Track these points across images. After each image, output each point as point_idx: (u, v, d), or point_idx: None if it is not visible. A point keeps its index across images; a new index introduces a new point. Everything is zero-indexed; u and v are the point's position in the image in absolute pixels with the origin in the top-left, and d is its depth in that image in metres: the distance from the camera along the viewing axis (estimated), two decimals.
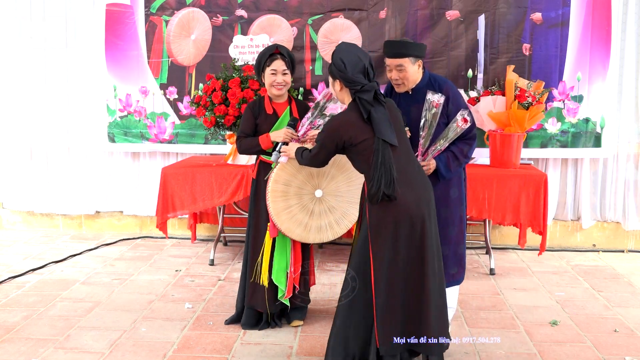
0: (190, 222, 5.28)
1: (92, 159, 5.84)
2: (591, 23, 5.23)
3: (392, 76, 3.42)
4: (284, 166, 3.49)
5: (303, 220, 3.57)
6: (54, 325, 3.80)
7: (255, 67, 3.70)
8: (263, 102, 3.70)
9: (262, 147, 3.57)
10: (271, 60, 3.62)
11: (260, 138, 3.59)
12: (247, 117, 3.67)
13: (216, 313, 4.01)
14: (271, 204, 3.49)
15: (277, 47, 3.67)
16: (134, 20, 5.54)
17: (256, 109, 3.68)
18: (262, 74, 3.67)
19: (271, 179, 3.48)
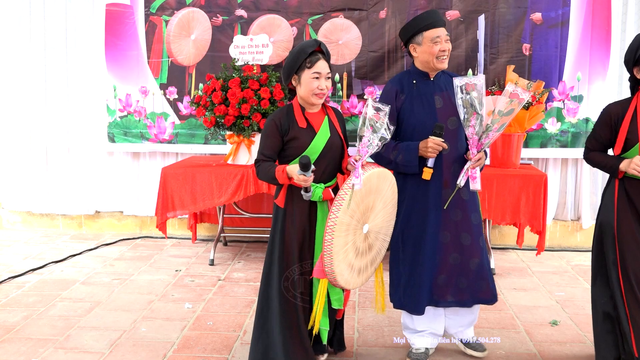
0: (190, 222, 5.28)
1: (92, 159, 5.84)
2: (591, 23, 5.23)
3: (442, 48, 3.07)
4: (357, 192, 2.82)
5: (351, 261, 2.94)
6: (54, 325, 3.80)
7: (288, 67, 2.93)
8: (292, 113, 2.96)
9: (279, 182, 2.91)
10: (313, 60, 2.90)
11: (277, 172, 2.89)
12: (270, 134, 2.93)
13: (216, 313, 4.01)
14: (335, 239, 2.77)
15: (318, 43, 2.94)
16: (133, 20, 5.54)
17: (285, 123, 2.92)
18: (296, 77, 2.94)
19: (342, 208, 2.76)
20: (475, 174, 3.08)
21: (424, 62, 3.13)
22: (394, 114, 3.10)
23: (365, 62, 5.38)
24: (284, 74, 2.99)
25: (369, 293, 4.36)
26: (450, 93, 3.09)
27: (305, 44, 2.94)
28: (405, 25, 3.17)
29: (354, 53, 5.39)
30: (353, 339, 3.62)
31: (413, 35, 3.12)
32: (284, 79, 3.02)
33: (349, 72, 5.41)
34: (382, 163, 3.15)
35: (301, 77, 2.92)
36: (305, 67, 2.89)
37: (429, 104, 3.12)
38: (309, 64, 2.89)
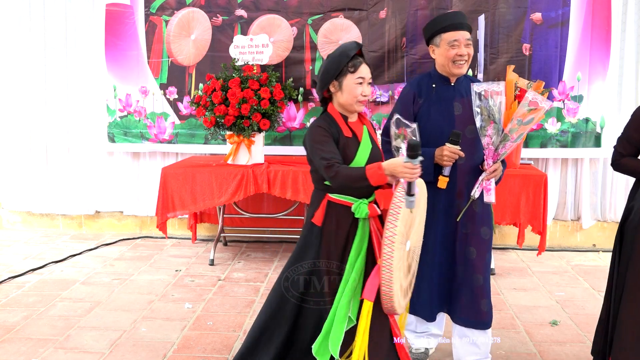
0: (190, 222, 5.28)
1: (92, 159, 5.84)
2: (591, 23, 5.23)
3: (460, 52, 2.94)
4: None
5: (402, 281, 2.61)
6: (54, 325, 3.80)
7: (328, 72, 2.65)
8: (335, 122, 2.69)
9: (371, 184, 2.54)
10: (356, 64, 2.65)
11: (368, 170, 2.52)
12: (325, 139, 2.63)
13: (216, 313, 4.01)
14: (395, 252, 2.45)
15: (360, 45, 2.71)
16: (133, 20, 5.54)
17: (333, 130, 2.66)
18: (336, 82, 2.66)
19: (400, 217, 2.45)
20: (489, 185, 2.96)
21: (441, 65, 3.01)
22: (410, 119, 2.87)
23: None
24: (322, 79, 2.67)
25: None
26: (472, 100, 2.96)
27: (346, 47, 2.67)
28: (427, 25, 3.05)
29: None
30: None
31: (432, 35, 3.01)
32: (320, 85, 2.69)
33: None
34: None
35: (342, 82, 2.65)
36: (348, 71, 2.63)
37: (448, 111, 2.98)
38: (352, 68, 2.64)
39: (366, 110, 5.42)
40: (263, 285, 4.53)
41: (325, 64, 2.68)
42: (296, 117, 5.47)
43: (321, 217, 2.70)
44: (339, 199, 2.66)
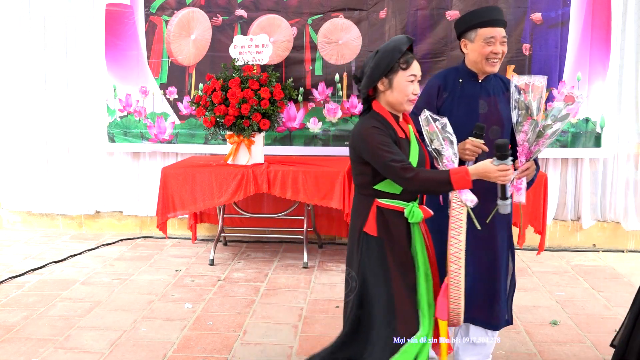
0: (190, 222, 5.28)
1: (92, 159, 5.84)
2: (591, 23, 5.23)
3: (495, 50, 2.80)
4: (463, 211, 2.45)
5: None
6: (54, 325, 3.80)
7: (378, 68, 2.47)
8: (388, 122, 2.51)
9: (454, 189, 2.39)
10: (408, 60, 2.48)
11: (454, 175, 2.36)
12: (389, 139, 2.46)
13: (216, 313, 4.01)
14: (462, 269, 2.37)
15: (411, 40, 2.54)
16: (133, 20, 5.54)
17: (390, 131, 2.49)
18: (385, 80, 2.49)
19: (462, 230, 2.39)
20: (520, 185, 2.80)
21: (473, 61, 2.88)
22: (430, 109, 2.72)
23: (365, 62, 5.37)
24: (371, 76, 2.48)
25: None
26: (499, 99, 2.86)
27: (398, 41, 2.49)
28: (461, 17, 2.92)
29: (354, 53, 5.39)
30: None
31: (467, 30, 2.86)
32: (368, 82, 2.50)
33: (349, 72, 5.41)
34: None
35: (393, 80, 2.47)
36: (400, 68, 2.46)
37: (472, 108, 2.85)
38: (404, 65, 2.46)
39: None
40: (263, 285, 4.53)
41: (376, 60, 2.48)
42: (296, 117, 5.47)
43: (374, 226, 2.50)
44: (389, 204, 2.49)
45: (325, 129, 5.46)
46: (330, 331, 3.72)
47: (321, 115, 5.46)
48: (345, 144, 5.40)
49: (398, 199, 2.49)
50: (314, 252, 5.35)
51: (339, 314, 3.99)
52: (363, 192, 2.57)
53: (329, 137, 5.47)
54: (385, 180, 2.48)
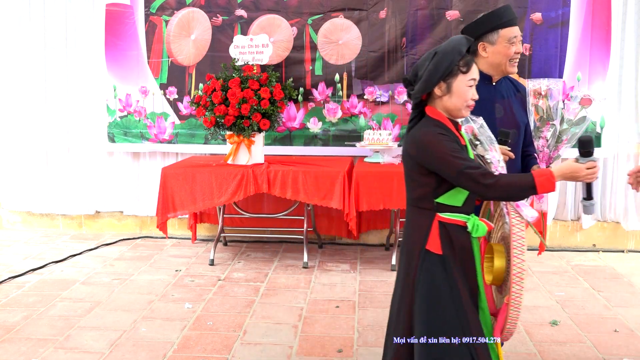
0: (190, 222, 5.28)
1: (92, 159, 5.84)
2: (591, 23, 5.23)
3: (518, 50, 2.72)
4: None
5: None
6: (54, 325, 3.79)
7: (437, 71, 2.27)
8: (448, 128, 2.34)
9: (537, 193, 2.25)
10: (469, 63, 2.31)
11: (538, 178, 2.21)
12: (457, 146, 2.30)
13: (216, 313, 4.01)
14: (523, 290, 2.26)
15: (471, 40, 2.38)
16: (133, 20, 5.54)
17: (451, 136, 2.33)
18: (443, 84, 2.30)
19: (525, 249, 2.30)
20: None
21: (494, 64, 2.77)
22: None
23: (365, 62, 5.38)
24: (428, 79, 2.28)
25: (369, 293, 4.37)
26: (512, 101, 2.77)
27: (457, 42, 2.30)
28: (479, 20, 2.79)
29: (354, 53, 5.39)
30: (353, 339, 3.62)
31: (487, 32, 2.74)
32: (424, 86, 2.30)
33: (349, 72, 5.41)
34: None
35: (452, 84, 2.29)
36: (460, 71, 2.29)
37: (488, 113, 2.68)
38: (464, 68, 2.29)
39: (366, 110, 5.41)
40: (263, 285, 4.53)
41: (434, 62, 2.28)
42: (296, 117, 5.47)
43: (438, 243, 2.31)
44: (452, 218, 2.31)
45: (325, 129, 5.46)
46: (330, 331, 3.72)
47: (321, 115, 5.46)
48: (345, 144, 5.41)
49: (460, 212, 2.33)
50: (314, 252, 5.35)
51: (339, 313, 3.99)
52: (422, 205, 2.35)
53: (329, 137, 5.47)
54: (448, 192, 2.30)
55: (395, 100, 5.39)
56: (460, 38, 2.34)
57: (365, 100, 5.41)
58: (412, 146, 2.34)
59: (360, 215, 5.03)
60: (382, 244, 5.56)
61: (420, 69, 2.33)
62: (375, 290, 4.42)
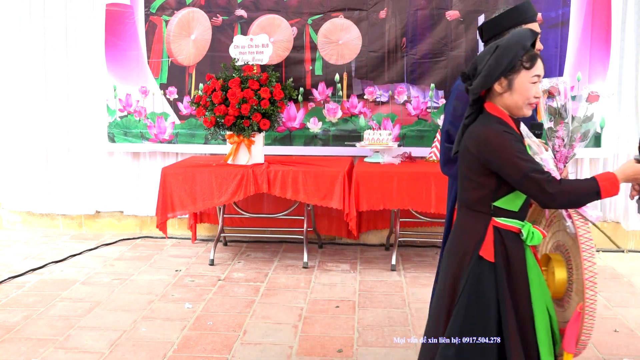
0: (190, 222, 5.28)
1: (92, 159, 5.84)
2: (591, 23, 5.23)
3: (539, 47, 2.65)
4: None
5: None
6: (54, 325, 3.79)
7: (499, 66, 2.14)
8: (511, 127, 2.22)
9: (602, 197, 2.13)
10: (533, 59, 2.18)
11: (602, 182, 2.11)
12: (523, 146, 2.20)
13: (216, 313, 4.01)
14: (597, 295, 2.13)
15: (536, 34, 2.26)
16: (133, 20, 5.54)
17: (516, 135, 2.21)
18: (504, 80, 2.18)
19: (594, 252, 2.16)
20: None
21: None
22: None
23: (365, 62, 5.38)
24: (488, 75, 2.16)
25: (369, 293, 4.37)
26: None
27: (521, 36, 2.18)
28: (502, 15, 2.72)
29: (354, 53, 5.39)
30: (353, 339, 3.62)
31: (510, 27, 2.67)
32: (483, 81, 2.17)
33: (349, 72, 5.41)
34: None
35: (514, 80, 2.17)
36: (523, 67, 2.16)
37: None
38: (528, 64, 2.16)
39: (366, 110, 5.42)
40: (263, 285, 4.53)
41: (495, 56, 2.15)
42: (296, 117, 5.47)
43: (492, 250, 2.18)
44: (507, 224, 2.19)
45: (325, 129, 5.46)
46: (330, 331, 3.72)
47: (321, 115, 5.46)
48: (345, 144, 5.41)
49: (515, 218, 2.20)
50: (314, 252, 5.35)
51: (339, 313, 3.99)
52: (477, 208, 2.22)
53: (329, 137, 5.47)
54: (507, 196, 2.18)
55: (395, 100, 5.39)
56: (525, 32, 2.20)
57: (365, 100, 5.42)
58: (473, 144, 2.19)
59: (360, 215, 5.03)
60: (382, 244, 5.57)
61: (480, 63, 2.21)
62: (375, 290, 4.42)
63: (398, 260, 5.01)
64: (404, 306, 4.13)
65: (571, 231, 2.23)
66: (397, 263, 4.94)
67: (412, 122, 5.38)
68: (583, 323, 2.10)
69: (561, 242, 2.30)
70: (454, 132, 2.62)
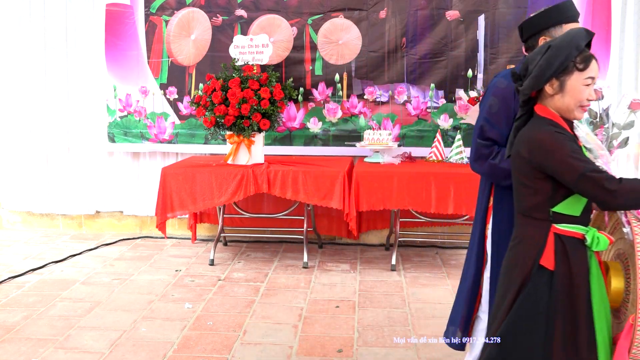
0: (190, 222, 5.28)
1: (92, 159, 5.84)
2: (591, 23, 5.22)
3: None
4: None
5: None
6: (54, 325, 3.80)
7: (550, 67, 2.08)
8: (563, 127, 2.12)
9: None
10: (587, 59, 2.13)
11: None
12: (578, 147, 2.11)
13: (216, 313, 4.01)
14: None
15: (591, 34, 2.23)
16: (133, 20, 5.54)
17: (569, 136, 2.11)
18: (556, 82, 2.10)
19: None
20: None
21: None
22: (510, 118, 2.53)
23: (365, 62, 5.38)
24: (539, 76, 2.08)
25: (369, 293, 4.37)
26: None
27: (575, 36, 2.11)
28: (540, 14, 2.64)
29: (354, 53, 5.39)
30: (353, 339, 3.62)
31: (550, 26, 2.60)
32: (533, 83, 2.10)
33: (349, 72, 5.41)
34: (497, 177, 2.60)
35: (566, 82, 2.08)
36: (576, 68, 2.08)
37: None
38: (581, 65, 2.09)
39: (366, 110, 5.42)
40: (263, 285, 4.53)
41: (547, 57, 2.08)
42: (296, 117, 5.47)
43: (552, 258, 2.06)
44: (569, 230, 2.07)
45: (325, 129, 5.46)
46: (330, 331, 3.72)
47: (321, 115, 5.46)
48: (345, 144, 5.41)
49: (577, 223, 2.08)
50: (314, 252, 5.35)
51: (339, 313, 3.99)
52: (535, 215, 2.12)
53: (329, 137, 5.47)
54: (566, 200, 2.07)
55: (395, 100, 5.39)
56: (579, 31, 2.10)
57: (365, 100, 5.42)
58: (525, 147, 2.10)
59: (360, 215, 5.04)
60: (382, 244, 5.57)
61: (531, 63, 2.13)
62: (375, 290, 4.42)
63: (398, 260, 5.02)
64: (404, 306, 4.13)
65: (629, 238, 2.13)
66: (397, 263, 4.94)
67: (412, 122, 5.39)
68: (635, 336, 2.01)
69: (622, 250, 2.22)
70: (488, 129, 2.59)
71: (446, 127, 5.34)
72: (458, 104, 5.31)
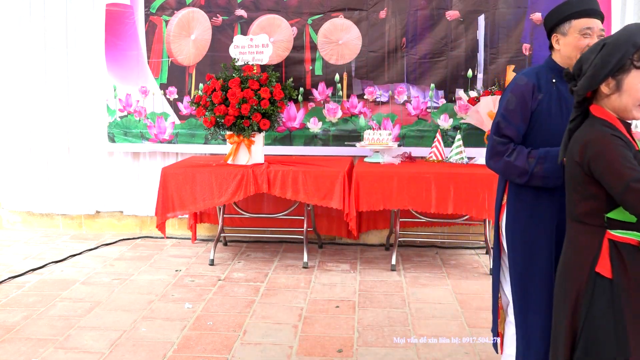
0: (190, 222, 5.28)
1: (92, 159, 5.84)
2: None
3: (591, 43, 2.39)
4: None
5: None
6: (54, 325, 3.80)
7: (607, 64, 1.98)
8: (619, 130, 2.03)
9: None
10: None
11: None
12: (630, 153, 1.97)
13: (216, 313, 4.01)
14: None
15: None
16: (133, 20, 5.54)
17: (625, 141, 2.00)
18: (612, 81, 2.01)
19: None
20: None
21: (566, 57, 2.54)
22: (527, 115, 2.53)
23: (365, 62, 5.38)
24: (594, 75, 2.00)
25: (369, 293, 4.37)
26: None
27: (632, 32, 1.98)
28: (552, 10, 2.59)
29: (354, 53, 5.39)
30: (353, 339, 3.62)
31: (559, 22, 2.54)
32: (588, 83, 2.02)
33: (349, 72, 5.41)
34: (511, 174, 2.57)
35: (623, 81, 1.98)
36: (634, 66, 1.97)
37: (568, 110, 2.47)
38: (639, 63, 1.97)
39: (366, 110, 5.42)
40: (263, 285, 4.53)
41: (602, 55, 1.99)
42: (296, 117, 5.47)
43: (609, 266, 1.99)
44: (625, 236, 1.99)
45: (325, 129, 5.46)
46: (330, 331, 3.72)
47: (321, 115, 5.46)
48: (345, 144, 5.41)
49: (634, 230, 1.99)
50: (314, 252, 5.35)
51: (339, 313, 3.99)
52: (589, 221, 2.04)
53: (329, 137, 5.47)
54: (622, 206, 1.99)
55: (395, 100, 5.39)
56: (637, 26, 2.00)
57: (365, 100, 5.42)
58: (579, 150, 2.00)
59: (360, 215, 5.04)
60: (382, 244, 5.57)
61: (585, 62, 2.04)
62: (375, 290, 4.42)
63: (398, 260, 5.02)
64: (404, 306, 4.13)
65: None
66: (397, 263, 4.94)
67: (412, 122, 5.39)
68: None
69: None
70: (504, 126, 2.57)
71: (446, 127, 5.35)
72: (458, 104, 5.31)
